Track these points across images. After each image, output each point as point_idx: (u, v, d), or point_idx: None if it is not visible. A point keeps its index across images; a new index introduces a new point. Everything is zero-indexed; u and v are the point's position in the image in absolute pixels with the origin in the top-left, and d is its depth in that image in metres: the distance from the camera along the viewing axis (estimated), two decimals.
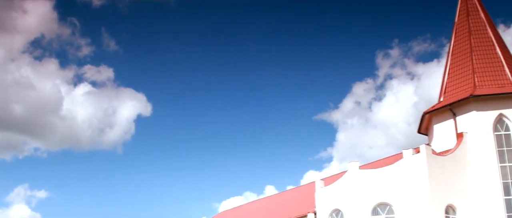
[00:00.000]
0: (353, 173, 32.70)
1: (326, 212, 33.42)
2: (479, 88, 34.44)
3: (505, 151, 33.08)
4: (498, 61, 35.83)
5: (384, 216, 31.21)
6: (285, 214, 39.30)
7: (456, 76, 36.58)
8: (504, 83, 34.77)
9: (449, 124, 34.67)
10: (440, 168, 31.34)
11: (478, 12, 38.14)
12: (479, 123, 33.41)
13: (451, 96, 35.86)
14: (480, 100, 33.74)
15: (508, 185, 32.42)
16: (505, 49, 37.21)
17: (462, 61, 36.68)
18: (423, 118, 36.72)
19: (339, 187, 33.15)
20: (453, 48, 37.93)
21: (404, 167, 31.40)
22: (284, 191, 50.65)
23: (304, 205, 38.55)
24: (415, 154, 31.40)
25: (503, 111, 33.49)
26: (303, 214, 36.05)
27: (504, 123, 33.55)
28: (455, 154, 32.62)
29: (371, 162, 40.13)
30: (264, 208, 46.07)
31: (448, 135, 34.51)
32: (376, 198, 31.43)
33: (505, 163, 32.84)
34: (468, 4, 38.65)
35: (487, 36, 37.07)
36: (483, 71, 35.52)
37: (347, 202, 32.32)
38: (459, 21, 38.64)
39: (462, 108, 34.23)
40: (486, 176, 32.41)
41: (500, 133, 33.45)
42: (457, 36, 38.15)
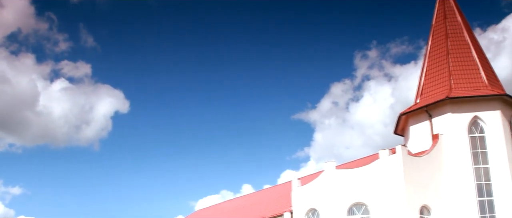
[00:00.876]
0: (329, 172, 32.88)
1: (303, 211, 33.57)
2: (455, 91, 34.84)
3: (479, 153, 33.52)
4: (474, 64, 36.27)
5: (360, 216, 31.44)
6: (262, 213, 39.40)
7: (432, 78, 36.96)
8: (479, 86, 35.23)
9: (425, 125, 35.04)
10: (416, 169, 31.67)
11: (455, 16, 38.58)
12: (454, 124, 33.82)
13: (427, 98, 36.22)
14: (455, 103, 34.14)
15: (482, 187, 32.86)
16: (481, 52, 37.68)
17: (439, 64, 37.07)
18: (400, 119, 37.05)
19: (316, 187, 33.32)
20: (430, 50, 38.31)
21: (380, 167, 31.67)
22: (261, 190, 50.78)
23: (281, 204, 38.69)
24: (391, 155, 31.69)
25: (478, 113, 33.93)
26: (280, 213, 36.15)
27: (479, 125, 33.99)
28: (430, 155, 32.98)
29: (348, 162, 40.39)
30: (241, 206, 46.14)
31: (424, 136, 34.87)
32: (352, 198, 31.64)
33: (479, 165, 33.27)
34: (446, 7, 39.08)
35: (464, 39, 37.51)
36: (459, 73, 35.93)
37: (323, 202, 32.51)
38: (436, 24, 39.04)
39: (438, 110, 34.61)
40: (461, 177, 32.83)
41: (474, 135, 33.89)
42: (434, 39, 38.54)
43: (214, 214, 48.90)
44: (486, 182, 32.91)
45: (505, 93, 34.42)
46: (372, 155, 37.28)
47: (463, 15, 39.03)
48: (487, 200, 32.57)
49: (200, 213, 53.22)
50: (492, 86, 35.30)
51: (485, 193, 32.70)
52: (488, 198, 32.60)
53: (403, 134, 38.55)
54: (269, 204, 41.27)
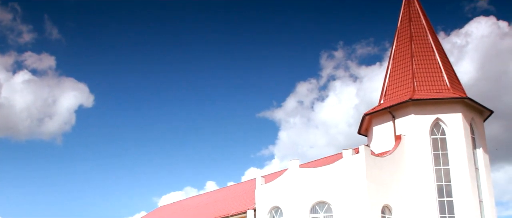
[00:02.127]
0: (293, 171, 33.10)
1: (266, 209, 33.74)
2: (418, 93, 35.37)
3: (440, 154, 34.13)
4: (437, 67, 36.87)
5: (322, 214, 31.72)
6: (225, 210, 39.42)
7: (396, 80, 37.45)
8: (441, 88, 35.84)
9: (388, 126, 35.51)
10: (378, 169, 32.09)
11: (420, 19, 39.16)
12: (417, 126, 34.35)
13: (391, 99, 36.70)
14: (418, 105, 34.67)
15: (442, 187, 33.48)
16: (444, 56, 38.32)
17: (403, 66, 37.58)
18: (364, 119, 37.47)
19: (279, 185, 33.52)
20: (395, 52, 38.81)
21: (343, 167, 32.00)
22: (225, 187, 50.81)
23: (244, 201, 38.78)
24: (354, 154, 32.03)
25: (440, 115, 34.53)
26: (243, 210, 36.23)
27: (440, 127, 34.59)
28: (393, 156, 33.45)
29: (312, 161, 40.64)
30: (204, 203, 46.10)
31: (387, 136, 35.35)
32: (315, 197, 31.92)
33: (440, 166, 33.88)
34: (411, 10, 39.62)
35: (428, 42, 38.09)
36: (422, 76, 36.49)
37: (286, 200, 32.72)
38: (401, 26, 39.56)
39: (401, 111, 35.10)
40: (422, 178, 33.38)
41: (436, 136, 34.48)
42: (399, 41, 39.05)
43: (177, 210, 48.76)
44: (446, 183, 33.53)
45: (466, 97, 35.11)
46: (335, 154, 37.57)
47: (428, 18, 39.68)
48: (446, 201, 33.19)
49: (163, 210, 53.00)
50: (454, 89, 35.94)
51: (445, 193, 33.32)
52: (448, 199, 33.23)
53: (366, 134, 39.01)
54: (232, 202, 41.33)
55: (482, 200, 34.03)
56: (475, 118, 35.88)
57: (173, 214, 48.09)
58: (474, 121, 35.68)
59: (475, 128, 35.73)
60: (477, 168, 34.83)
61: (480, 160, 35.12)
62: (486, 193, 34.41)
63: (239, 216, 36.65)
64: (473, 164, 34.26)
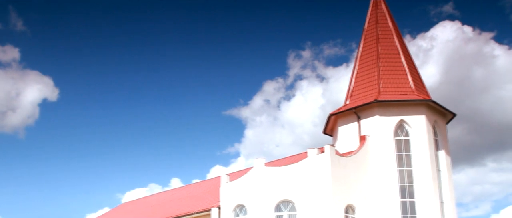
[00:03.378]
0: (258, 169, 33.18)
1: (230, 207, 33.76)
2: (383, 94, 35.75)
3: (403, 156, 34.56)
4: (402, 70, 37.32)
5: (287, 213, 31.84)
6: (189, 208, 39.34)
7: (362, 81, 37.79)
8: (406, 91, 36.29)
9: (353, 126, 35.83)
10: (343, 169, 32.36)
11: (387, 21, 39.57)
12: (381, 127, 34.73)
13: (356, 100, 37.03)
14: (383, 106, 35.06)
15: (405, 188, 33.92)
16: (410, 58, 38.80)
17: (369, 67, 37.94)
18: (329, 119, 37.74)
19: (244, 183, 33.57)
20: (361, 54, 39.15)
21: (308, 166, 32.19)
22: (190, 184, 50.71)
23: (209, 199, 38.76)
24: (319, 154, 32.23)
25: (404, 117, 34.96)
26: (207, 208, 36.19)
27: (404, 129, 35.03)
28: (357, 156, 33.77)
29: (277, 160, 40.81)
30: (168, 200, 45.93)
31: (352, 137, 35.67)
32: (280, 195, 32.04)
33: (403, 167, 34.32)
34: (378, 12, 40.01)
35: (394, 44, 38.51)
36: (388, 78, 36.88)
37: (251, 198, 32.78)
38: (368, 28, 39.92)
39: (366, 112, 35.45)
40: (385, 178, 33.77)
41: (400, 138, 34.91)
42: (365, 43, 39.41)
43: (141, 207, 48.49)
44: (408, 184, 33.98)
45: (430, 99, 35.62)
46: (301, 154, 37.79)
47: (394, 21, 40.12)
48: (409, 201, 33.65)
49: (126, 206, 52.66)
50: (418, 92, 36.44)
51: (408, 194, 33.78)
52: (410, 200, 33.68)
53: (332, 134, 39.30)
54: (197, 199, 41.28)
55: (443, 201, 34.60)
56: (438, 120, 36.45)
57: (136, 211, 47.82)
58: (437, 123, 36.24)
59: (438, 130, 36.29)
60: (439, 169, 35.39)
61: (442, 161, 35.70)
62: (447, 194, 35.01)
63: (203, 213, 36.62)
64: (435, 165, 34.80)
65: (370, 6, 40.78)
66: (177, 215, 38.94)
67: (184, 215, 38.30)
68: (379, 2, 40.54)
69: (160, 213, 42.45)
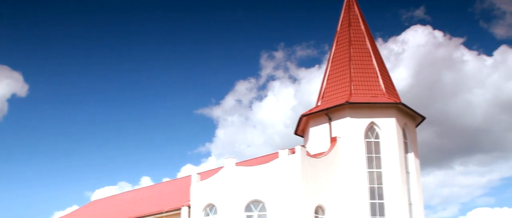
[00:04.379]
0: (229, 169, 33.18)
1: (201, 206, 33.71)
2: (354, 96, 36.02)
3: (373, 157, 34.86)
4: (373, 72, 37.64)
5: (257, 213, 31.90)
6: (159, 207, 39.18)
7: (334, 83, 38.01)
8: (377, 93, 36.62)
9: (324, 127, 36.02)
10: (313, 170, 32.53)
11: (359, 24, 39.86)
12: (352, 129, 34.99)
13: (328, 101, 37.23)
14: (354, 108, 35.32)
15: (374, 190, 34.22)
16: (381, 61, 39.15)
17: (341, 69, 38.18)
18: (301, 120, 37.89)
19: (215, 182, 33.54)
20: (334, 56, 39.39)
21: (279, 166, 32.28)
22: (160, 183, 50.49)
23: (179, 198, 38.65)
24: (290, 154, 32.34)
25: (375, 119, 35.26)
26: (177, 207, 36.08)
27: (375, 131, 35.34)
28: (327, 157, 33.97)
29: (248, 160, 40.84)
30: (138, 199, 45.67)
31: (323, 138, 35.86)
32: (250, 195, 32.08)
33: (373, 169, 34.61)
34: (351, 15, 40.30)
35: (366, 47, 38.82)
36: (359, 80, 37.16)
37: (221, 198, 32.77)
38: (341, 30, 40.18)
39: (337, 113, 35.67)
40: (355, 179, 34.03)
41: (370, 140, 35.20)
42: (338, 45, 39.65)
43: (110, 205, 48.13)
44: (378, 186, 34.30)
45: (400, 102, 35.98)
46: (272, 154, 37.86)
47: (367, 24, 40.44)
48: (378, 203, 33.96)
49: (95, 204, 52.21)
50: (389, 94, 36.79)
51: (377, 196, 34.09)
52: (379, 201, 33.99)
53: (303, 135, 39.46)
54: (167, 198, 41.12)
55: (411, 203, 34.99)
56: (408, 123, 36.86)
57: (105, 209, 47.45)
58: (407, 126, 36.64)
59: (408, 133, 36.69)
60: (408, 172, 35.78)
61: (411, 164, 36.10)
62: (416, 196, 35.42)
63: (173, 212, 36.51)
64: (404, 167, 35.18)
65: (343, 8, 41.05)
66: (147, 214, 38.76)
67: (153, 214, 38.15)
68: (352, 5, 40.84)
69: (129, 211, 42.18)
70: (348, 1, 41.06)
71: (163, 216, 37.47)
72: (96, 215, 46.98)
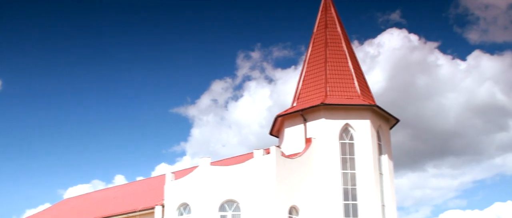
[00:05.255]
0: (204, 168, 33.12)
1: (174, 205, 33.58)
2: (330, 98, 36.21)
3: (347, 159, 35.06)
4: (349, 74, 37.87)
5: (231, 213, 31.89)
6: (133, 205, 38.96)
7: (309, 84, 38.16)
8: (352, 95, 36.85)
9: (300, 128, 36.13)
10: (288, 170, 32.61)
11: (336, 26, 40.08)
12: (327, 130, 35.15)
13: (303, 102, 37.37)
14: (329, 109, 35.49)
15: (348, 191, 34.42)
16: (357, 63, 39.40)
17: (317, 71, 38.34)
18: (276, 120, 37.96)
19: (189, 182, 33.45)
20: (310, 57, 39.54)
21: (254, 167, 32.31)
22: (134, 181, 50.20)
23: (153, 197, 38.46)
24: (265, 155, 32.39)
25: (349, 121, 35.47)
26: (151, 206, 35.91)
27: (349, 133, 35.55)
28: (302, 158, 34.08)
29: (223, 159, 40.78)
30: (112, 197, 45.35)
31: (298, 139, 35.96)
32: (224, 195, 32.06)
33: (347, 170, 34.81)
34: (327, 17, 40.49)
35: (342, 49, 39.04)
36: (334, 82, 37.36)
37: (196, 197, 32.69)
38: (317, 32, 40.35)
39: (312, 114, 35.81)
40: (329, 181, 34.19)
41: (344, 141, 35.41)
42: (314, 46, 39.82)
43: (83, 203, 47.73)
44: (352, 187, 34.50)
45: (375, 105, 36.26)
46: (247, 154, 37.85)
47: (343, 26, 40.68)
48: (351, 204, 34.16)
49: (68, 202, 51.71)
50: (364, 96, 37.05)
51: (351, 197, 34.29)
52: (353, 202, 34.20)
53: (278, 135, 39.54)
54: (141, 197, 40.89)
55: (384, 205, 35.27)
56: (382, 125, 37.15)
57: (78, 207, 47.05)
58: (381, 128, 36.92)
59: (382, 135, 36.98)
60: (382, 173, 36.06)
61: (385, 166, 36.39)
62: (389, 197, 35.71)
63: (147, 211, 36.30)
64: (378, 169, 35.45)
65: (320, 10, 41.23)
66: (120, 212, 38.50)
67: (127, 213, 37.91)
68: (328, 7, 41.04)
69: (102, 210, 41.87)
70: (325, 3, 41.26)
71: (137, 215, 37.26)
72: (68, 213, 46.54)
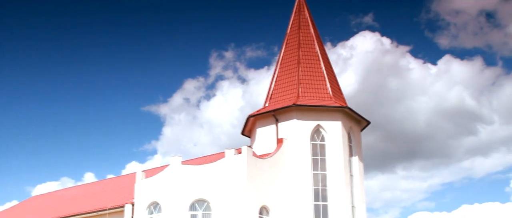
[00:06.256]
0: (174, 167, 33.02)
1: (145, 204, 33.42)
2: (302, 99, 36.35)
3: (318, 160, 35.24)
4: (321, 76, 38.06)
5: (201, 212, 31.83)
6: (102, 203, 38.63)
7: (282, 85, 38.27)
8: (324, 96, 37.04)
9: (271, 129, 36.22)
10: (259, 170, 32.67)
11: (309, 28, 40.26)
12: (299, 131, 35.29)
13: (275, 103, 37.46)
14: (301, 110, 35.64)
15: (318, 192, 34.60)
16: (329, 65, 39.62)
17: (289, 72, 38.47)
18: (248, 120, 37.98)
19: (160, 180, 33.31)
20: (282, 58, 39.66)
21: (225, 166, 32.30)
22: (104, 179, 49.84)
23: (123, 195, 38.20)
24: (236, 155, 32.41)
25: (321, 122, 35.66)
26: (121, 204, 35.65)
27: (321, 134, 35.73)
28: (274, 158, 34.17)
29: (194, 158, 40.69)
30: (81, 195, 44.94)
31: (270, 139, 36.04)
32: (195, 194, 32.00)
33: (318, 171, 34.99)
34: (301, 19, 40.65)
35: (314, 51, 39.22)
36: (307, 83, 37.52)
37: (166, 196, 32.57)
38: (290, 33, 40.49)
39: (284, 115, 35.92)
40: (300, 181, 34.33)
41: (316, 142, 35.58)
42: (287, 47, 39.94)
43: (52, 201, 47.20)
44: (322, 188, 34.69)
45: (346, 106, 36.50)
46: (218, 153, 37.86)
47: (316, 28, 40.88)
48: (322, 205, 34.34)
49: (36, 199, 51.09)
50: (336, 98, 37.27)
51: (321, 198, 34.47)
52: (323, 203, 34.38)
53: (250, 135, 39.58)
54: (111, 195, 40.59)
55: (354, 206, 35.53)
56: (353, 127, 37.42)
57: (46, 205, 46.52)
58: (352, 130, 37.19)
59: (353, 136, 37.25)
60: (352, 175, 36.31)
61: (355, 167, 36.66)
62: (359, 199, 35.98)
63: (117, 210, 36.01)
64: (348, 171, 35.70)
65: (293, 11, 41.38)
66: (89, 211, 38.17)
67: (96, 211, 37.58)
68: (302, 8, 41.21)
69: (71, 208, 41.47)
70: (298, 5, 41.43)
71: (106, 213, 36.95)
72: (36, 211, 45.97)
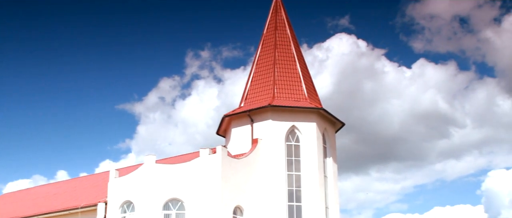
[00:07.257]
0: (148, 166, 32.85)
1: (118, 203, 33.18)
2: (277, 100, 36.43)
3: (293, 161, 35.35)
4: (296, 77, 38.18)
5: (175, 211, 31.72)
6: (75, 202, 38.28)
7: (258, 85, 38.31)
8: (299, 98, 37.17)
9: (246, 129, 36.24)
10: (233, 170, 32.66)
11: (285, 29, 40.35)
12: (274, 131, 35.36)
13: (251, 103, 37.50)
14: (276, 111, 35.72)
15: (293, 192, 34.70)
16: (305, 67, 39.76)
17: (265, 72, 38.53)
18: (223, 120, 37.96)
19: (133, 179, 33.10)
20: (259, 58, 39.70)
21: (199, 166, 32.23)
22: (77, 177, 49.42)
23: (96, 194, 37.90)
24: (211, 154, 32.36)
25: (296, 123, 35.77)
26: (94, 203, 35.35)
27: (295, 135, 35.84)
28: (248, 158, 34.20)
29: (169, 157, 40.53)
30: (53, 193, 44.48)
31: (245, 139, 36.06)
32: (169, 193, 31.87)
33: (292, 172, 35.10)
34: (277, 19, 40.72)
35: (291, 52, 39.33)
36: (282, 84, 37.61)
37: (140, 195, 32.38)
38: (267, 34, 40.54)
39: (259, 116, 35.97)
40: (274, 182, 34.39)
41: (291, 143, 35.68)
42: (263, 48, 39.99)
43: (23, 199, 46.64)
44: (296, 188, 34.79)
45: (321, 108, 36.67)
46: (193, 153, 37.72)
47: (293, 29, 41.00)
48: (296, 205, 34.45)
49: (6, 197, 50.46)
50: (311, 99, 37.41)
51: (295, 198, 34.58)
52: (297, 204, 34.49)
53: (225, 135, 39.55)
54: (84, 193, 40.24)
55: (328, 207, 35.71)
56: (328, 128, 37.60)
57: (17, 203, 45.95)
58: (326, 131, 37.37)
59: (327, 138, 37.43)
60: (326, 176, 36.49)
61: (330, 168, 36.84)
62: (333, 200, 36.18)
63: (89, 208, 35.72)
64: (322, 172, 35.86)
65: (270, 12, 41.43)
66: (61, 209, 37.81)
67: (68, 209, 37.22)
68: (279, 9, 41.29)
69: (43, 206, 41.02)
70: (275, 5, 41.51)
71: (79, 212, 36.63)
72: (6, 209, 45.38)
